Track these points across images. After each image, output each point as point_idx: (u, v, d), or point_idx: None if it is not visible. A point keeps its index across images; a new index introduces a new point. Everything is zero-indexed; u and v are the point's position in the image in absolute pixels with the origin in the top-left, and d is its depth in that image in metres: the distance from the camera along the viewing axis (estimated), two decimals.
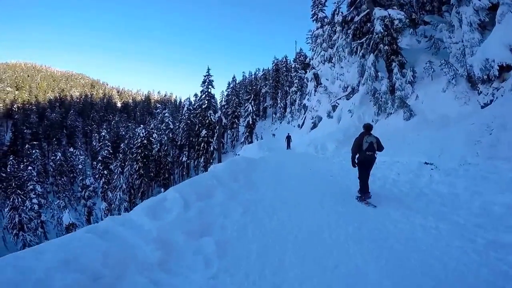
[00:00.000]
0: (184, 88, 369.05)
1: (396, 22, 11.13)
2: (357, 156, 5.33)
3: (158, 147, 44.19)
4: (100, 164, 39.86)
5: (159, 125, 50.40)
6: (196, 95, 47.79)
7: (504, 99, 7.10)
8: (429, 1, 12.55)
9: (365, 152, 5.17)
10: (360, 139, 5.25)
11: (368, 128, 5.38)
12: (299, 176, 8.57)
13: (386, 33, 11.68)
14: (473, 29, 8.84)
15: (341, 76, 21.24)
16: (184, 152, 46.46)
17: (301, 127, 32.02)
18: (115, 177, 37.63)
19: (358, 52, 14.92)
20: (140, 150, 38.64)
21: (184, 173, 46.21)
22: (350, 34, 14.61)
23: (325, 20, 28.26)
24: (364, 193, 5.27)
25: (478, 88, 8.81)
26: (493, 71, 7.70)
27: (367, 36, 13.67)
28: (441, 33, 12.13)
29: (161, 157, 44.19)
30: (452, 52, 10.18)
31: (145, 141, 39.39)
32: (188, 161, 46.92)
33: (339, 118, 19.87)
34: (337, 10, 16.67)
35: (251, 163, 9.68)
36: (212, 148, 41.81)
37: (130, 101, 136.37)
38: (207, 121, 42.40)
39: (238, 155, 26.15)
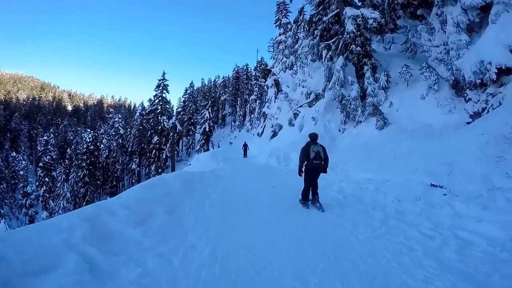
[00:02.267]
0: (141, 94, 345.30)
1: (370, 21, 9.87)
2: (305, 164, 5.35)
3: (107, 153, 41.41)
4: (41, 170, 36.72)
5: (109, 130, 47.93)
6: (150, 100, 44.26)
7: (509, 106, 5.86)
8: (404, 4, 11.60)
9: (312, 161, 5.25)
10: (307, 149, 5.32)
11: (314, 137, 5.46)
12: (260, 202, 5.80)
13: (358, 33, 10.38)
14: (460, 30, 7.79)
15: (303, 82, 20.06)
16: (134, 159, 43.84)
17: (261, 136, 30.48)
18: (58, 185, 34.68)
19: (325, 55, 13.60)
20: (85, 157, 35.89)
21: (134, 180, 42.56)
22: (317, 35, 13.19)
23: (288, 26, 27.84)
24: (305, 201, 5.42)
25: (465, 95, 7.70)
26: (490, 75, 6.54)
27: (336, 37, 12.36)
28: (413, 37, 11.37)
29: (109, 164, 41.26)
30: (431, 56, 9.15)
31: (91, 147, 36.78)
32: (138, 169, 44.13)
33: (301, 127, 18.49)
34: (301, 13, 15.18)
35: (190, 182, 6.71)
36: (164, 156, 40.07)
37: (81, 105, 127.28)
38: (160, 127, 40.62)
39: (190, 164, 23.22)
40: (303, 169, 5.43)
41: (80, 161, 35.96)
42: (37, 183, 38.34)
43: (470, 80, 7.04)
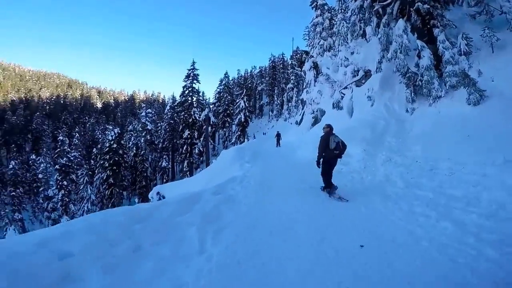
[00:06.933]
0: (175, 87, 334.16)
1: None
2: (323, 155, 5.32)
3: (134, 151, 38.73)
4: (58, 173, 32.21)
5: (137, 127, 44.85)
6: (182, 92, 43.25)
7: None
8: None
9: (332, 151, 5.24)
10: (327, 139, 5.29)
11: (332, 128, 5.51)
12: None
13: None
14: None
15: (346, 61, 17.57)
16: (164, 157, 41.44)
17: (299, 124, 28.42)
18: (81, 187, 32.09)
19: (379, 21, 11.27)
20: (108, 156, 32.44)
21: (165, 179, 40.68)
22: None
23: (325, 7, 26.35)
24: (330, 187, 5.32)
25: None
26: None
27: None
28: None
29: (137, 163, 38.46)
30: None
31: (114, 145, 33.01)
32: (168, 166, 41.69)
33: (350, 110, 16.08)
34: None
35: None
36: (197, 151, 37.23)
37: (112, 101, 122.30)
38: (191, 120, 37.26)
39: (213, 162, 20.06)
40: (321, 161, 5.41)
41: (103, 161, 32.88)
42: (53, 187, 33.65)
43: None
